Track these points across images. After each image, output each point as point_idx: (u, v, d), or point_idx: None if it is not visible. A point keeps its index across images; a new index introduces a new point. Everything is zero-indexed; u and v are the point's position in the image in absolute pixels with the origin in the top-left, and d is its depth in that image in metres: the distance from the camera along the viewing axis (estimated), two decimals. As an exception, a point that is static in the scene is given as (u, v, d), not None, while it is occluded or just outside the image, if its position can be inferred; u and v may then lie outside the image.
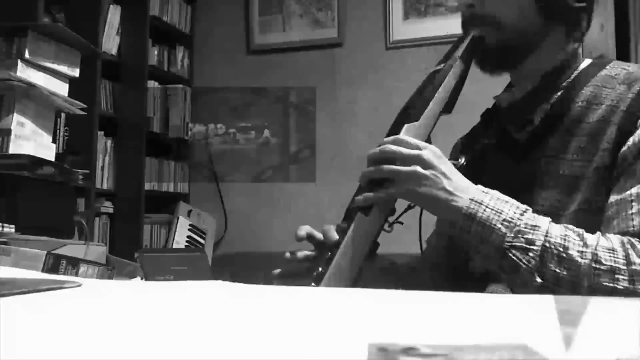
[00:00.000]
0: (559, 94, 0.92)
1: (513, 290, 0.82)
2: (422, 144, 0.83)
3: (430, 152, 0.82)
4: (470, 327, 0.47)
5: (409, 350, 0.34)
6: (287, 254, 0.95)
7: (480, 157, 0.97)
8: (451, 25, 2.97)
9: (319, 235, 0.92)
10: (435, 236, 1.08)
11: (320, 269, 0.84)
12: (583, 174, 0.85)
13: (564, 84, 0.92)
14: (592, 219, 0.82)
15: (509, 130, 0.96)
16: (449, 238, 1.02)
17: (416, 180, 0.80)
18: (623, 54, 2.77)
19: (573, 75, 0.93)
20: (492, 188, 0.82)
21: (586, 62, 0.95)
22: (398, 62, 3.11)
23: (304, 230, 0.93)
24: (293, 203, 3.23)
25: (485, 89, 1.05)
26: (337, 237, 0.87)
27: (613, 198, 0.81)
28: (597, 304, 0.54)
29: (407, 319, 0.51)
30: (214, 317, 0.53)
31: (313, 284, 0.82)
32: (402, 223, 0.88)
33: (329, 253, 0.85)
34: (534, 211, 0.80)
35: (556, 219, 0.81)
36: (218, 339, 0.43)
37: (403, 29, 3.13)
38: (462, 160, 0.89)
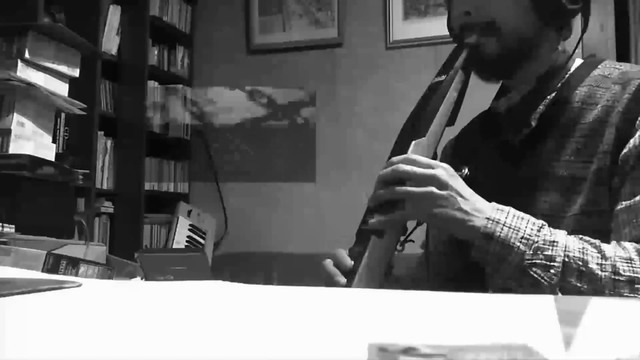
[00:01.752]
0: (553, 95, 0.91)
1: None
2: (434, 162, 0.81)
3: (444, 171, 0.80)
4: (470, 327, 0.47)
5: (409, 350, 0.34)
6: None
7: (477, 163, 0.97)
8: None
9: (330, 265, 0.86)
10: (431, 243, 1.07)
11: None
12: (583, 175, 0.84)
13: (558, 85, 0.91)
14: (595, 221, 0.81)
15: (506, 135, 0.95)
16: (446, 243, 1.01)
17: (432, 201, 0.79)
18: (623, 54, 2.77)
19: (566, 76, 0.92)
20: (490, 193, 0.81)
21: (578, 62, 0.94)
22: (398, 62, 3.11)
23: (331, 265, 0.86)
24: (293, 203, 3.23)
25: (480, 96, 1.04)
26: (350, 263, 0.83)
27: (621, 205, 0.80)
28: (597, 304, 0.54)
29: (407, 319, 0.51)
30: (214, 317, 0.53)
31: None
32: (413, 241, 0.88)
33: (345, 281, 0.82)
34: (539, 217, 0.79)
35: (558, 222, 0.81)
36: (218, 339, 0.43)
37: (403, 29, 3.13)
38: (465, 171, 0.87)
